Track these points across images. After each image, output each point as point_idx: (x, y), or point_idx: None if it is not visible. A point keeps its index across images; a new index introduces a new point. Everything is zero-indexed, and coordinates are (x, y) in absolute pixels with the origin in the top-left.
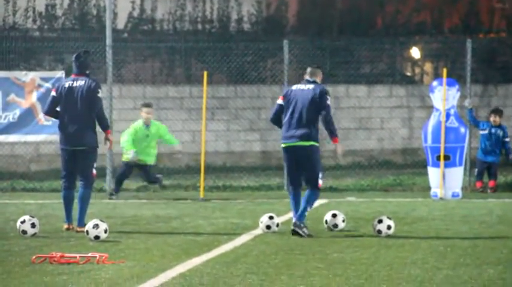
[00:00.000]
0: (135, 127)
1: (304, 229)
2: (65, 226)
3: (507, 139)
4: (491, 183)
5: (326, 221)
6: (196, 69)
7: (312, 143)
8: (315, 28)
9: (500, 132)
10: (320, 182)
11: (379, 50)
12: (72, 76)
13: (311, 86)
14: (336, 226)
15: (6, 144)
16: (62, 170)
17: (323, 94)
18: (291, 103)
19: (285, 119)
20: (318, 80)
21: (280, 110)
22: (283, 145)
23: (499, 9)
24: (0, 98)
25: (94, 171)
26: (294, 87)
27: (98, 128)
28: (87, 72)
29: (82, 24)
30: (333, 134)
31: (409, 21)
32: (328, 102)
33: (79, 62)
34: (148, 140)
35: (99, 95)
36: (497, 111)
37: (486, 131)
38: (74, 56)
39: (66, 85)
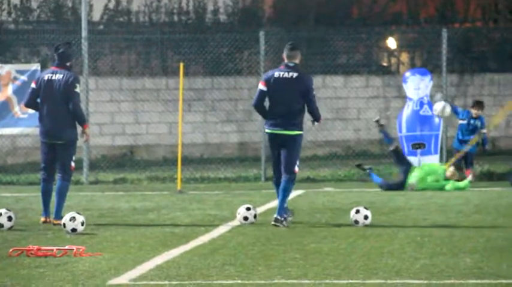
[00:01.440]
0: None
1: (284, 222)
2: (42, 218)
3: (484, 130)
4: (467, 172)
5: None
6: (173, 60)
7: (297, 132)
8: (291, 19)
9: (478, 123)
10: (296, 168)
11: (356, 40)
12: (52, 68)
13: (295, 74)
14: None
15: None
16: (41, 163)
17: (309, 89)
18: (276, 91)
19: (270, 106)
20: (298, 61)
21: (264, 96)
22: (268, 131)
23: None
24: None
25: (73, 164)
26: (276, 73)
27: None
28: (68, 64)
29: (57, 17)
30: (316, 118)
31: (385, 11)
32: (313, 93)
33: (58, 54)
34: None
35: (76, 89)
36: (479, 104)
37: (465, 121)
38: (54, 47)
39: (46, 77)
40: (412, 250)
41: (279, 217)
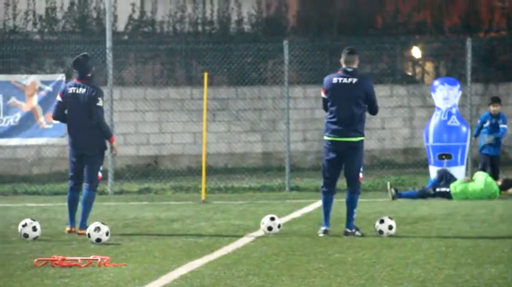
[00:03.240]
0: None
1: (357, 233)
2: (67, 228)
3: (503, 126)
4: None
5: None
6: (197, 70)
7: (359, 138)
8: (315, 28)
9: (500, 121)
10: (361, 175)
11: (380, 49)
12: (75, 81)
13: (354, 80)
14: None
15: (8, 147)
16: (69, 171)
17: (371, 92)
18: (336, 98)
19: (331, 113)
20: (356, 65)
21: (326, 102)
22: (328, 138)
23: (498, 8)
24: (1, 102)
25: (100, 174)
26: (335, 79)
27: None
28: (89, 75)
29: (82, 27)
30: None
31: (409, 21)
32: (375, 95)
33: (78, 67)
34: None
35: (99, 103)
36: (496, 100)
37: (487, 124)
38: (73, 61)
39: (70, 91)
40: (436, 260)
41: (348, 230)
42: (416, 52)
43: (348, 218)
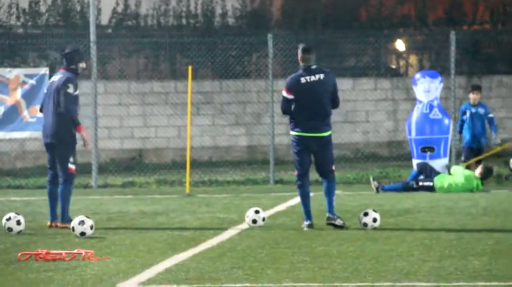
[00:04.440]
0: None
1: (339, 219)
2: (48, 223)
3: (491, 115)
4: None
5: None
6: (181, 64)
7: (330, 132)
8: (299, 22)
9: (481, 110)
10: (333, 167)
11: (364, 43)
12: (59, 71)
13: (322, 76)
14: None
15: None
16: (47, 163)
17: (335, 85)
18: (307, 97)
19: (300, 111)
20: (314, 62)
21: (290, 104)
22: (299, 134)
23: (482, 1)
24: None
25: (72, 166)
26: (302, 79)
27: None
28: (72, 66)
29: (66, 21)
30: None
31: (393, 14)
32: (337, 89)
33: (63, 55)
34: None
35: (69, 90)
36: (477, 88)
37: (467, 115)
38: (63, 52)
39: (50, 80)
40: (421, 252)
41: (331, 215)
42: (400, 45)
43: (329, 205)
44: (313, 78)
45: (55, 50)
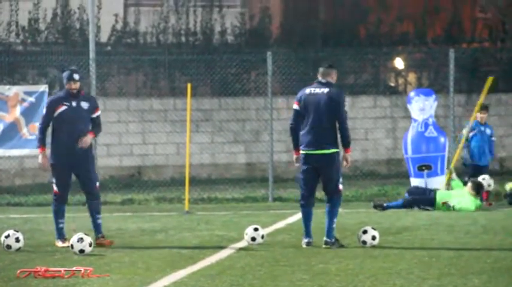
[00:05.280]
0: None
1: (336, 245)
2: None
3: (493, 139)
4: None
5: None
6: (180, 81)
7: (333, 150)
8: (298, 39)
9: (488, 130)
10: (340, 186)
11: (363, 60)
12: None
13: (325, 90)
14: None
15: None
16: None
17: (338, 102)
18: (307, 108)
19: (304, 125)
20: (332, 79)
21: (297, 116)
22: (302, 152)
23: (481, 19)
24: None
25: (54, 187)
26: (307, 90)
27: (49, 141)
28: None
29: (65, 38)
30: (345, 143)
31: (392, 32)
32: (345, 109)
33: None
34: None
35: (45, 109)
36: (485, 108)
37: (476, 131)
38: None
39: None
40: (420, 270)
41: (328, 240)
42: (399, 63)
43: (327, 229)
44: (317, 90)
45: (54, 68)
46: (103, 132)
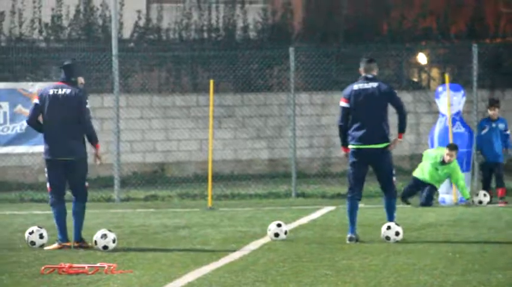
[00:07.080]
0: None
1: (398, 227)
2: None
3: (508, 132)
4: (500, 191)
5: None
6: (203, 77)
7: (385, 144)
8: (321, 35)
9: (501, 125)
10: (394, 178)
11: (385, 56)
12: (57, 83)
13: (375, 84)
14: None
15: (14, 155)
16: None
17: (391, 93)
18: (358, 104)
19: (353, 120)
20: (376, 73)
21: (346, 113)
22: (353, 147)
23: (505, 14)
24: (7, 109)
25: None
26: (355, 87)
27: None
28: (73, 79)
29: (88, 35)
30: (402, 128)
31: (415, 27)
32: (398, 97)
33: (64, 69)
34: None
35: (88, 106)
36: (495, 103)
37: (486, 129)
38: (63, 64)
39: (51, 93)
40: (444, 266)
41: (391, 225)
42: (422, 58)
43: (389, 217)
44: (366, 86)
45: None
46: (126, 128)
